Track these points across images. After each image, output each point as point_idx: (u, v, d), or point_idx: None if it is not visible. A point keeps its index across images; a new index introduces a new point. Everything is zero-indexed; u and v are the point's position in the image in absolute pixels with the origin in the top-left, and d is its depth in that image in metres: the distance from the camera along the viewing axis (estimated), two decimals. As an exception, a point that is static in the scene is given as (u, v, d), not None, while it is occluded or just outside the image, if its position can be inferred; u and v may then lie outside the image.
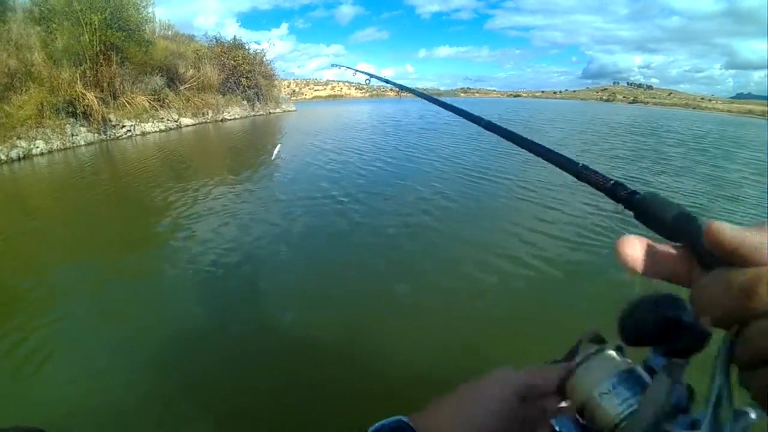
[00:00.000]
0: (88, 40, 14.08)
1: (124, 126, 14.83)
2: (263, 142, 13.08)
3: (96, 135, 13.68)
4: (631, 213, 0.30)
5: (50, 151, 11.85)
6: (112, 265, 4.31)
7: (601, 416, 0.28)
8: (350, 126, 16.24)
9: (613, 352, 0.30)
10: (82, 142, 13.09)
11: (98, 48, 14.40)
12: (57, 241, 5.08)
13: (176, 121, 17.27)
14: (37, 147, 11.63)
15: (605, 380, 0.29)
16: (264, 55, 25.42)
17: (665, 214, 0.28)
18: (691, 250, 0.26)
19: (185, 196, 6.55)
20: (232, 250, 4.46)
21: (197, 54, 20.48)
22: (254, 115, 23.46)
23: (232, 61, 22.19)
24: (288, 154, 10.29)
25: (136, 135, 15.14)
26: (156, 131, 15.99)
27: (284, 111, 27.42)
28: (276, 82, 27.91)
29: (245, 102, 23.19)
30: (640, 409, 0.26)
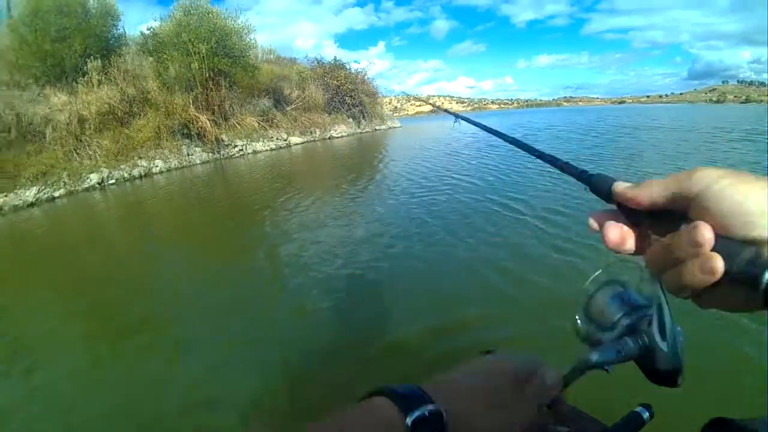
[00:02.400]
0: (197, 67, 14.70)
1: (236, 145, 15.15)
2: (371, 157, 12.45)
3: (210, 154, 14.08)
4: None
5: (168, 170, 12.33)
6: (228, 268, 4.37)
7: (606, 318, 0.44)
8: (456, 139, 15.14)
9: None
10: (198, 161, 13.50)
11: (207, 74, 15.01)
12: (176, 248, 5.35)
13: (285, 140, 17.39)
14: (156, 166, 12.13)
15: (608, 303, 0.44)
16: (365, 74, 25.38)
17: (603, 185, 0.38)
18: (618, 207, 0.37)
19: (299, 206, 6.44)
20: (338, 255, 4.17)
21: (301, 76, 20.85)
22: (360, 132, 23.28)
23: (335, 81, 22.25)
24: (400, 169, 9.52)
25: (248, 153, 15.43)
26: (267, 150, 16.22)
27: (389, 127, 27.02)
28: (379, 99, 27.69)
29: (351, 120, 23.05)
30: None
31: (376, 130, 24.92)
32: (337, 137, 20.87)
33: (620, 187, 0.35)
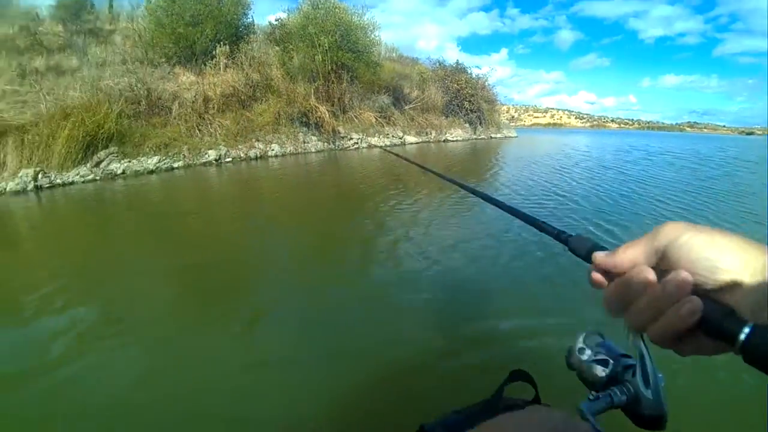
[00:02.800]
0: (321, 59, 14.42)
1: (351, 138, 14.61)
2: (483, 164, 11.65)
3: (325, 144, 13.66)
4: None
5: (283, 155, 12.02)
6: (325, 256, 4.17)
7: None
8: (568, 156, 14.04)
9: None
10: (313, 149, 13.10)
11: (330, 67, 14.67)
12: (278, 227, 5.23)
13: (401, 138, 16.60)
14: (273, 149, 11.87)
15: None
16: (486, 80, 24.14)
17: (583, 246, 0.42)
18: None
19: (405, 200, 6.26)
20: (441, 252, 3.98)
21: (422, 76, 20.10)
22: (475, 138, 21.97)
23: (455, 85, 21.13)
24: (509, 180, 8.82)
25: (363, 147, 14.85)
26: (381, 145, 15.44)
27: (505, 136, 25.31)
28: (497, 107, 26.12)
29: (467, 125, 21.71)
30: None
31: (491, 137, 23.41)
32: (452, 141, 19.77)
33: (599, 257, 0.39)
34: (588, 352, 0.49)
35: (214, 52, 12.67)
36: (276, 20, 15.92)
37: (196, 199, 7.09)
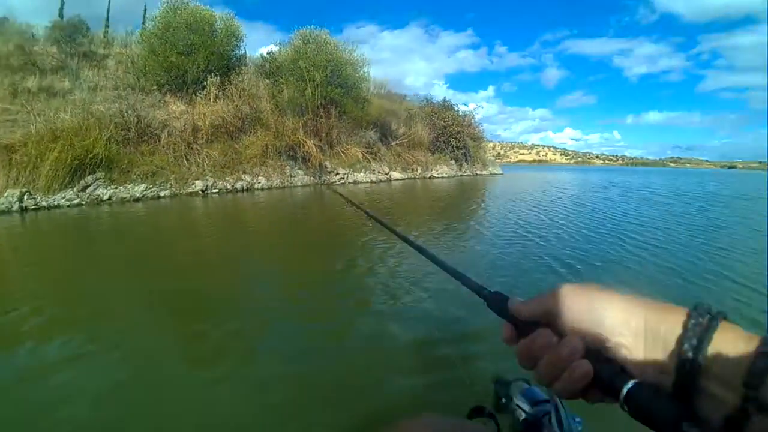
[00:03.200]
0: (311, 94, 14.68)
1: (338, 173, 14.81)
2: (469, 202, 11.59)
3: (312, 178, 13.77)
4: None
5: (270, 188, 12.14)
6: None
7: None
8: (554, 194, 14.13)
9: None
10: (299, 183, 13.23)
11: (319, 102, 14.95)
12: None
13: (387, 174, 16.84)
14: (259, 182, 12.03)
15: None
16: (473, 117, 24.65)
17: (499, 301, 0.44)
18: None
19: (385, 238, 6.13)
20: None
21: (409, 113, 20.54)
22: (461, 175, 22.27)
23: (441, 122, 21.63)
24: (494, 217, 8.99)
25: (349, 182, 15.00)
26: (367, 181, 15.71)
27: (491, 173, 25.74)
28: (483, 144, 26.64)
29: (453, 162, 22.14)
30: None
31: (477, 174, 23.80)
32: (438, 177, 20.01)
33: (512, 303, 0.42)
34: (513, 398, 0.52)
35: (205, 82, 12.86)
36: (267, 53, 16.30)
37: (179, 228, 7.13)
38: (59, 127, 9.11)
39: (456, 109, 23.60)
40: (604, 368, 0.35)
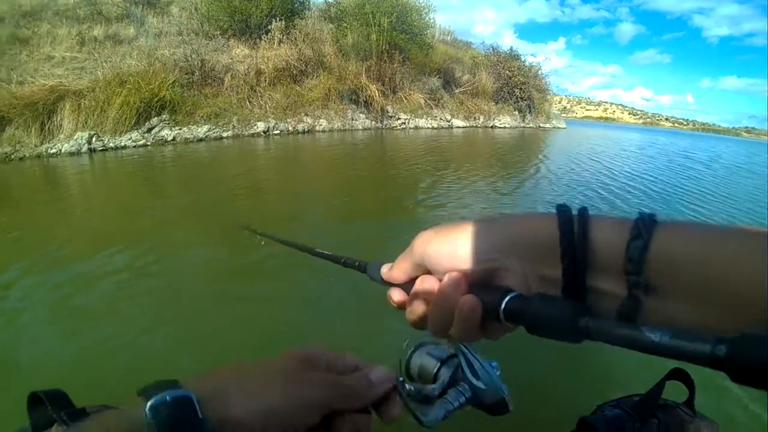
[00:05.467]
0: (375, 39, 14.07)
1: (399, 118, 14.30)
2: (530, 155, 10.97)
3: (373, 122, 13.38)
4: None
5: (331, 130, 11.86)
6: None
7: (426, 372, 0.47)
8: (618, 155, 13.08)
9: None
10: (360, 127, 12.87)
11: (383, 47, 14.33)
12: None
13: (448, 121, 16.18)
14: (320, 124, 11.75)
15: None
16: (539, 69, 23.09)
17: (376, 270, 0.44)
18: None
19: (445, 181, 6.20)
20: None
21: (474, 61, 19.53)
22: (524, 127, 21.13)
23: (507, 71, 20.32)
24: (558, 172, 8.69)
25: (410, 128, 14.54)
26: (428, 127, 15.17)
27: (554, 127, 24.21)
28: (549, 97, 25.06)
29: (516, 112, 20.92)
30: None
31: (540, 127, 22.47)
32: (500, 127, 19.04)
33: (383, 270, 0.42)
34: (421, 361, 0.48)
35: (268, 27, 12.52)
36: (332, -1, 15.74)
37: (241, 165, 7.14)
38: (126, 72, 9.08)
39: (523, 59, 22.15)
40: (488, 295, 0.33)
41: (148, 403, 0.27)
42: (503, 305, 0.32)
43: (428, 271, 0.37)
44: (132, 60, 9.70)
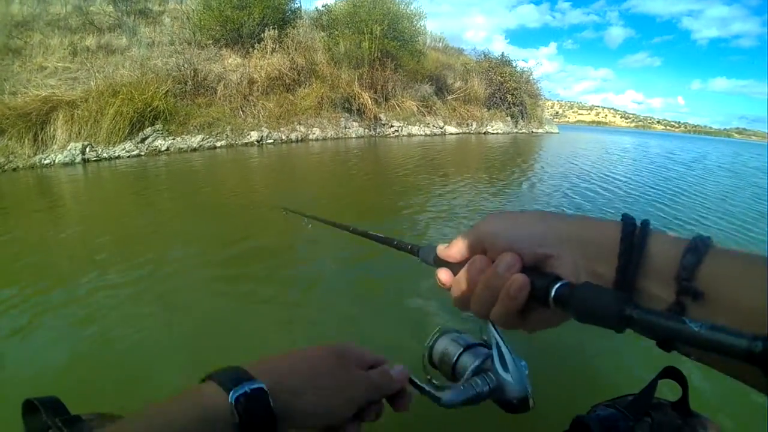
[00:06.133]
0: (367, 47, 14.15)
1: (392, 126, 14.40)
2: (523, 160, 10.95)
3: (366, 130, 13.46)
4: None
5: (324, 138, 11.92)
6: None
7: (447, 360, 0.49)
8: (611, 161, 12.89)
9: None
10: (353, 135, 12.94)
11: (375, 55, 14.44)
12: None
13: (441, 128, 16.28)
14: (314, 133, 11.84)
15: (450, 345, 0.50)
16: (531, 74, 23.37)
17: (430, 253, 0.45)
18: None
19: (436, 185, 6.35)
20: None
21: (465, 67, 19.65)
22: (516, 132, 21.26)
23: (499, 77, 20.48)
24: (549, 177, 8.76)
25: (403, 135, 14.60)
26: (421, 135, 15.24)
27: (546, 132, 24.36)
28: (541, 102, 25.22)
29: (509, 118, 21.06)
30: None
31: (532, 132, 22.59)
32: (492, 133, 19.19)
33: (440, 249, 0.43)
34: (445, 347, 0.50)
35: (260, 35, 12.59)
36: (323, 6, 15.94)
37: (235, 175, 7.16)
38: (118, 82, 9.11)
39: (514, 65, 22.38)
40: (539, 279, 0.35)
41: (231, 394, 0.31)
42: (554, 290, 0.33)
43: (484, 252, 0.39)
44: (125, 70, 9.73)
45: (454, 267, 0.41)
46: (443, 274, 0.42)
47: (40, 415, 0.35)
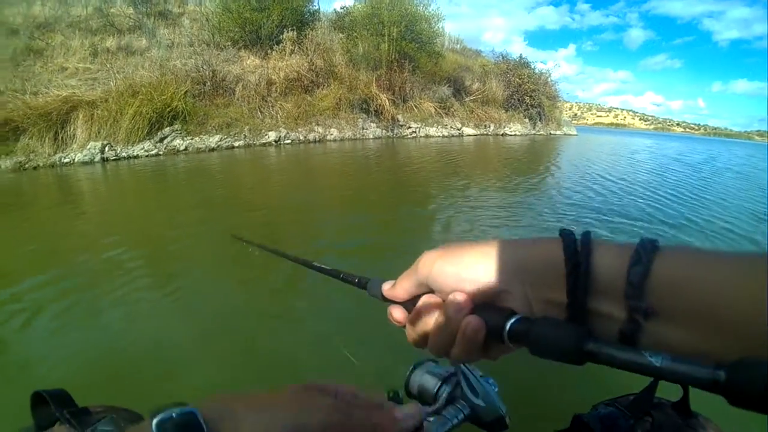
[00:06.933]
0: (385, 48, 14.16)
1: (410, 127, 14.32)
2: (540, 163, 10.84)
3: (383, 131, 13.37)
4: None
5: (342, 139, 11.87)
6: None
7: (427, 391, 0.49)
8: (631, 163, 12.69)
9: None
10: (371, 136, 12.88)
11: (393, 56, 14.43)
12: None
13: (459, 130, 16.18)
14: (331, 134, 11.78)
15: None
16: (549, 76, 23.13)
17: (377, 287, 0.43)
18: None
19: (452, 189, 6.20)
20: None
21: (483, 69, 19.53)
22: (534, 134, 21.04)
23: (517, 79, 20.27)
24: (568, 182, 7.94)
25: (420, 136, 14.53)
26: (439, 136, 15.16)
27: (565, 134, 24.06)
28: (559, 104, 24.94)
29: (527, 120, 20.85)
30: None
31: (550, 134, 22.37)
32: (510, 135, 18.99)
33: (385, 288, 0.41)
34: (422, 379, 0.49)
35: (279, 37, 12.60)
36: (342, 8, 15.96)
37: (253, 174, 7.22)
38: (138, 83, 9.12)
39: (532, 66, 22.12)
40: (492, 317, 0.33)
41: (155, 420, 0.28)
42: (508, 327, 0.32)
43: (431, 291, 0.37)
44: (144, 71, 9.75)
45: (406, 303, 0.40)
46: (396, 312, 0.40)
47: (48, 407, 0.35)
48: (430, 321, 0.37)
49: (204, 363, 1.94)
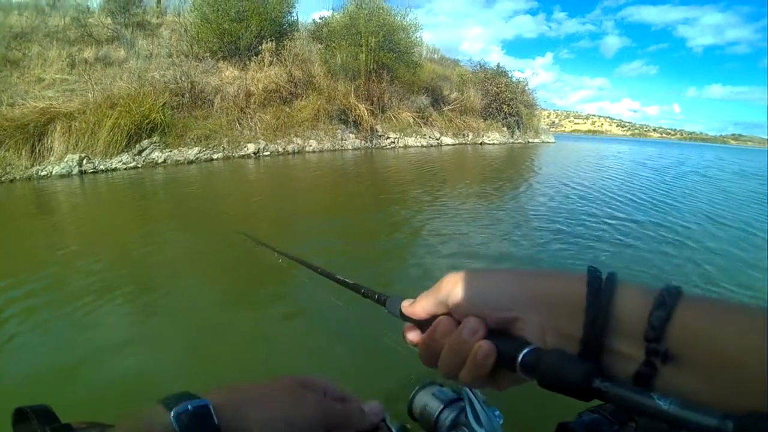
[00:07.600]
0: (363, 59, 14.29)
1: (388, 137, 14.49)
2: (519, 169, 11.32)
3: (362, 142, 13.51)
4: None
5: (321, 150, 11.97)
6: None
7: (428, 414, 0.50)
8: (606, 167, 13.42)
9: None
10: (349, 147, 13.01)
11: (372, 66, 14.58)
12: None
13: (437, 139, 16.38)
14: (310, 145, 11.88)
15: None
16: (526, 84, 23.56)
17: (396, 304, 0.43)
18: None
19: (433, 196, 6.52)
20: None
21: (461, 78, 19.82)
22: (512, 142, 21.43)
23: (495, 88, 20.63)
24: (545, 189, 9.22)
25: (399, 147, 14.68)
26: (418, 146, 15.33)
27: (543, 141, 24.57)
28: (537, 112, 25.43)
29: (505, 128, 21.23)
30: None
31: (528, 142, 22.79)
32: (489, 143, 19.32)
33: (404, 305, 0.42)
34: (426, 401, 0.51)
35: (258, 48, 12.68)
36: (320, 18, 16.09)
37: (232, 187, 7.28)
38: (116, 94, 9.15)
39: (510, 75, 22.51)
40: (505, 344, 0.34)
41: (172, 412, 0.31)
42: (521, 357, 0.33)
43: (448, 312, 0.39)
44: (122, 82, 9.78)
45: (422, 324, 0.41)
46: (411, 334, 0.42)
47: (31, 424, 0.35)
48: (444, 341, 0.38)
49: (186, 379, 1.98)
